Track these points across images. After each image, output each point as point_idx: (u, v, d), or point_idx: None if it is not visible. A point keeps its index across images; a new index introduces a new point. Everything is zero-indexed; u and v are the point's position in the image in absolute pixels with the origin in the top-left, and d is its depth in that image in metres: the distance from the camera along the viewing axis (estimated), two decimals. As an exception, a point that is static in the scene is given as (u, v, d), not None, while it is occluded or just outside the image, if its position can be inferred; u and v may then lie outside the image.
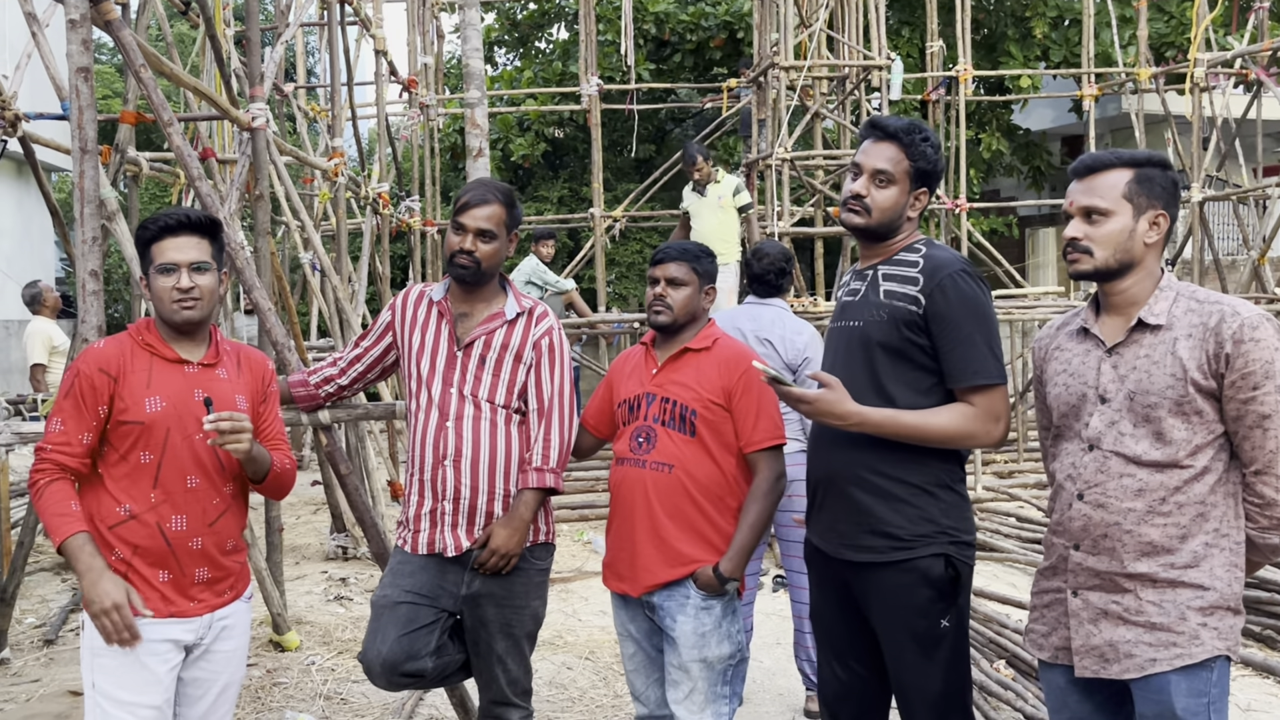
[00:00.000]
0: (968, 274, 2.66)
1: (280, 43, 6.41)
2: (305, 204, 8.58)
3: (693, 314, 3.13)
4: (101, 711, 2.59)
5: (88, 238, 3.26)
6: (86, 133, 3.28)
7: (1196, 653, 2.27)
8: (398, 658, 3.01)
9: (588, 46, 12.06)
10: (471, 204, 3.07)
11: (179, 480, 2.66)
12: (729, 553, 2.99)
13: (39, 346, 8.12)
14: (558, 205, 15.65)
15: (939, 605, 2.65)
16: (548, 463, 3.10)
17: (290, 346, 3.90)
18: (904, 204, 2.75)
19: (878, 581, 2.69)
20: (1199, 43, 10.57)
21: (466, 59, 3.91)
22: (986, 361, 2.62)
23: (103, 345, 2.67)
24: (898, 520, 2.65)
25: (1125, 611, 2.32)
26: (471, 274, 3.07)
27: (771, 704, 4.60)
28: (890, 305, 2.69)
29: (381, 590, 3.12)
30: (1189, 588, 2.29)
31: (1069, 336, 2.51)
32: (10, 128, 5.05)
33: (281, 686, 4.82)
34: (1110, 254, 2.37)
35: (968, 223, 12.16)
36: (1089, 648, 2.37)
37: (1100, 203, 2.37)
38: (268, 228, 5.58)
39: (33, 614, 6.10)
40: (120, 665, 2.58)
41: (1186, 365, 2.28)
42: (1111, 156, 2.41)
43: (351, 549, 7.23)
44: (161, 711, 2.63)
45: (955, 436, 2.62)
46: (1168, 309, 2.34)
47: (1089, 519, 2.37)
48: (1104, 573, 2.36)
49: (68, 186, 17.98)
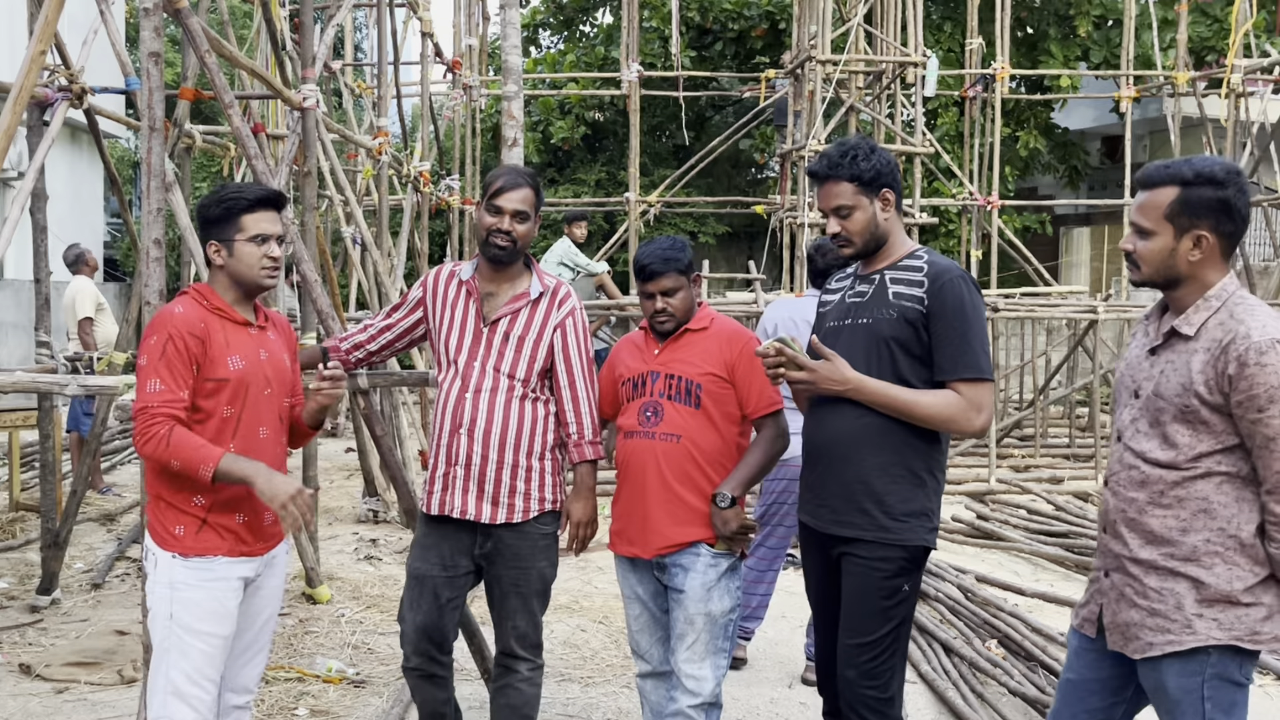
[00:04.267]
0: (965, 280, 2.96)
1: (332, 25, 6.68)
2: (349, 179, 8.88)
3: (690, 308, 3.37)
4: (180, 640, 2.85)
5: (153, 209, 3.54)
6: (155, 112, 3.55)
7: (1188, 640, 2.41)
8: (432, 624, 3.33)
9: (630, 32, 12.25)
10: (506, 187, 3.32)
11: (253, 431, 2.95)
12: (729, 477, 3.27)
13: (88, 301, 8.48)
14: (595, 188, 15.88)
15: (904, 574, 2.95)
16: (587, 435, 3.39)
17: (334, 316, 4.17)
18: (873, 215, 3.03)
19: (859, 553, 2.97)
20: (1237, 48, 10.63)
21: (505, 55, 4.15)
22: (976, 358, 2.91)
23: (183, 310, 2.87)
24: (889, 501, 2.94)
25: (1135, 595, 2.50)
26: (508, 253, 3.31)
27: (772, 670, 4.86)
28: (900, 305, 2.97)
29: (413, 561, 3.41)
30: (1186, 580, 2.43)
31: (1143, 324, 2.67)
32: (78, 100, 5.35)
33: (313, 635, 5.13)
34: (1154, 270, 2.51)
35: (999, 220, 12.29)
36: (1115, 625, 2.56)
37: (1144, 222, 2.49)
38: (314, 203, 5.86)
39: (81, 560, 6.46)
40: (202, 598, 2.85)
41: (1194, 378, 2.41)
42: (1164, 173, 2.46)
43: (382, 512, 7.53)
44: (227, 641, 2.93)
45: (940, 418, 2.90)
46: (1202, 320, 2.45)
47: (1109, 505, 2.57)
48: (1118, 555, 2.54)
49: (118, 152, 18.43)
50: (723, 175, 16.94)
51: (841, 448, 2.98)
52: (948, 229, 14.49)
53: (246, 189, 2.96)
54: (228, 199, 2.93)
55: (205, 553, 2.86)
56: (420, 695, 3.43)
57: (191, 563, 2.85)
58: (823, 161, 3.03)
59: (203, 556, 2.86)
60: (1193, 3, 12.72)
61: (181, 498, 2.85)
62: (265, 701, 4.29)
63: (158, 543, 2.86)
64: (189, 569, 2.85)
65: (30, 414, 7.22)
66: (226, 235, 2.92)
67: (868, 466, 2.94)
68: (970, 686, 4.49)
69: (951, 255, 13.83)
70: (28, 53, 3.98)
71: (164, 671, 2.85)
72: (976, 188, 12.37)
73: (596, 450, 3.39)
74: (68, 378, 3.83)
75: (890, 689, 2.97)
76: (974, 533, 7.48)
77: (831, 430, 3.01)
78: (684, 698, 3.23)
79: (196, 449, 2.76)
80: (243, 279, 2.94)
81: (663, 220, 14.84)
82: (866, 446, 2.94)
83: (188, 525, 2.85)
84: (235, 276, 2.94)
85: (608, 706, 4.38)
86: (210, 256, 2.94)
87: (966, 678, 4.57)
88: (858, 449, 2.95)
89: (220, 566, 2.88)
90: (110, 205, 19.53)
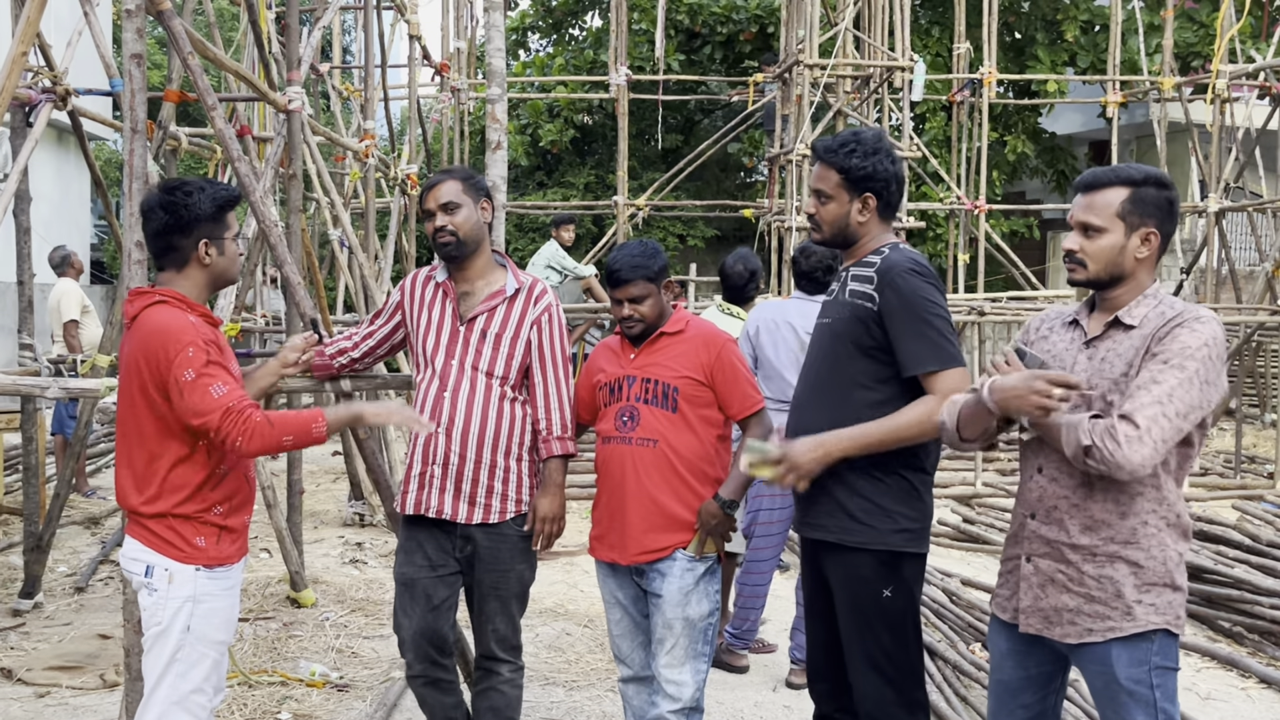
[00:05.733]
0: (914, 271, 2.88)
1: (318, 27, 6.66)
2: (336, 182, 8.86)
3: (661, 313, 3.35)
4: (193, 651, 2.83)
5: (135, 211, 3.52)
6: (137, 114, 3.54)
7: (1128, 627, 2.47)
8: (428, 628, 3.31)
9: (619, 36, 12.26)
10: (429, 187, 3.35)
11: None
12: (727, 482, 3.28)
13: (73, 304, 8.44)
14: (583, 191, 15.87)
15: (881, 580, 2.90)
16: (564, 431, 3.37)
17: (318, 320, 4.15)
18: (847, 212, 2.99)
19: (833, 557, 2.97)
20: (1222, 54, 10.67)
21: (490, 58, 4.15)
22: (936, 347, 2.83)
23: (194, 321, 2.82)
24: (850, 505, 2.91)
25: (1069, 581, 2.53)
26: (455, 247, 3.31)
27: (757, 673, 4.86)
28: (853, 304, 2.95)
29: (400, 568, 3.39)
30: (1126, 563, 2.48)
31: (1061, 325, 2.71)
32: (61, 101, 5.33)
33: (297, 639, 5.11)
34: (1102, 267, 2.56)
35: (986, 224, 12.31)
36: (1035, 609, 2.59)
37: (1095, 220, 2.56)
38: (300, 205, 5.85)
39: (64, 563, 6.43)
40: (223, 606, 2.86)
41: (1134, 360, 2.48)
42: (1111, 175, 2.56)
43: (368, 516, 7.52)
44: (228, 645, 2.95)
45: (927, 427, 2.81)
46: (1144, 313, 2.54)
47: (1044, 490, 2.59)
48: (1053, 541, 2.56)
49: (104, 154, 18.36)
50: (711, 179, 16.94)
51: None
52: (935, 233, 14.51)
53: (227, 187, 2.94)
54: (221, 196, 2.89)
55: (225, 561, 2.87)
56: (429, 704, 3.41)
57: (215, 573, 2.85)
58: (826, 141, 3.03)
59: (223, 565, 2.87)
60: (1179, 8, 12.77)
61: (203, 509, 2.84)
62: (249, 705, 4.28)
63: (175, 558, 2.82)
64: (213, 579, 2.85)
65: (14, 416, 7.18)
66: (218, 234, 2.90)
67: (830, 470, 2.91)
68: (954, 690, 4.50)
69: (939, 259, 13.87)
70: (9, 53, 3.97)
71: (169, 683, 2.82)
72: (964, 192, 12.41)
73: (566, 446, 3.38)
74: (49, 380, 3.82)
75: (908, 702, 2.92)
76: (960, 536, 7.50)
77: (799, 433, 3.01)
78: (665, 703, 3.23)
79: (297, 416, 2.83)
80: (224, 277, 2.95)
81: (651, 223, 14.83)
82: None
83: (208, 535, 2.85)
84: (217, 275, 2.93)
85: (592, 710, 4.37)
86: (200, 256, 2.88)
87: (951, 681, 4.58)
88: None
89: (234, 573, 2.92)
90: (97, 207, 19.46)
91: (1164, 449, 2.37)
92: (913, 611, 2.96)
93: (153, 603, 2.83)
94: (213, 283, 2.95)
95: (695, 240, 16.53)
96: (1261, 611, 5.37)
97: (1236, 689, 4.77)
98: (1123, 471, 2.36)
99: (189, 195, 2.86)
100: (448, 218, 3.29)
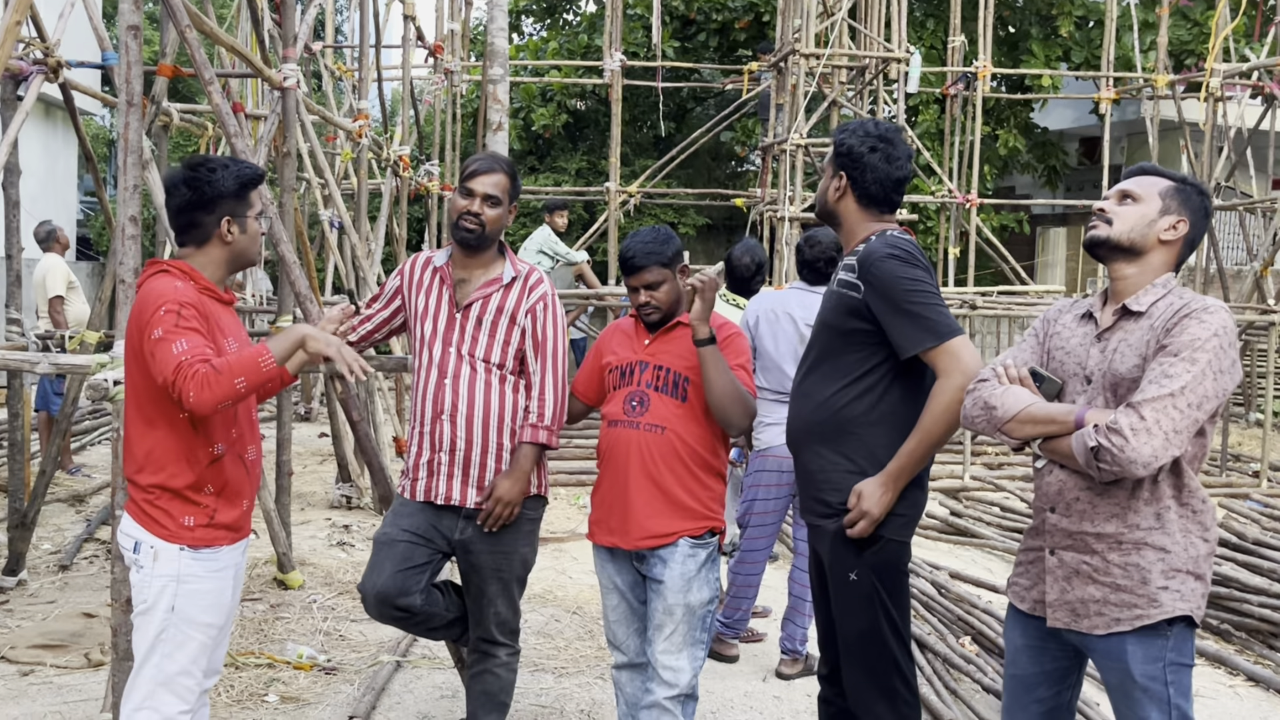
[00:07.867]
0: (891, 255, 2.87)
1: (313, 5, 6.60)
2: (328, 162, 8.79)
3: (678, 298, 3.34)
4: (178, 632, 2.78)
5: (129, 185, 3.47)
6: (133, 87, 3.49)
7: (1154, 613, 2.45)
8: (391, 591, 3.27)
9: (613, 21, 12.19)
10: (480, 171, 3.31)
11: (249, 413, 2.93)
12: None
13: (59, 279, 8.35)
14: (575, 177, 15.80)
15: (853, 562, 2.93)
16: (543, 420, 3.33)
17: (312, 299, 4.12)
18: (827, 188, 3.09)
19: (820, 540, 3.03)
20: (1216, 53, 10.69)
21: (492, 37, 4.10)
22: (929, 324, 2.82)
23: (180, 287, 2.75)
24: (829, 491, 2.96)
25: (1094, 571, 2.52)
26: (476, 237, 3.29)
27: (747, 663, 4.86)
28: (839, 294, 2.98)
29: (383, 529, 3.38)
30: (1152, 549, 2.46)
31: (1074, 318, 2.71)
32: (52, 74, 5.26)
33: (284, 621, 5.08)
34: (1127, 229, 2.58)
35: (977, 218, 12.32)
36: (1062, 602, 2.58)
37: (1138, 190, 2.61)
38: (293, 184, 5.80)
39: (48, 541, 6.37)
40: (209, 589, 2.80)
41: (1146, 352, 2.46)
42: (1162, 170, 2.65)
43: (355, 498, 7.48)
44: (222, 630, 2.89)
45: (950, 414, 2.78)
46: (1153, 300, 2.53)
47: (1063, 484, 2.57)
48: (1076, 533, 2.55)
49: (91, 129, 18.22)
50: (702, 167, 16.89)
51: (795, 435, 3.08)
52: (926, 226, 14.51)
53: (245, 163, 2.89)
54: (245, 174, 2.85)
55: (213, 543, 2.82)
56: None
57: (201, 554, 2.80)
58: (844, 125, 3.10)
59: (210, 547, 2.81)
60: (1174, 6, 12.78)
61: (193, 487, 2.79)
62: (235, 687, 4.25)
63: (159, 535, 2.78)
64: (197, 560, 2.79)
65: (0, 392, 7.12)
66: (241, 211, 2.86)
67: (811, 454, 3.00)
68: (944, 683, 4.50)
69: (929, 252, 13.88)
70: (2, 24, 3.91)
71: (154, 663, 2.78)
72: (956, 185, 12.41)
73: (547, 437, 3.34)
74: (39, 355, 3.77)
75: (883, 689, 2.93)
76: (948, 529, 7.50)
77: (793, 421, 3.09)
78: (660, 689, 3.21)
79: (241, 357, 2.69)
80: (244, 256, 2.90)
81: (643, 211, 14.79)
82: (814, 435, 3.00)
83: (198, 515, 2.79)
84: (238, 254, 2.89)
85: (581, 697, 4.36)
86: (223, 233, 2.84)
87: (940, 674, 4.58)
88: (808, 437, 3.02)
89: (224, 555, 2.85)
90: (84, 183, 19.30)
91: (1177, 440, 2.35)
92: (895, 597, 2.96)
93: (139, 580, 2.80)
94: (232, 260, 2.89)
95: (686, 228, 16.49)
96: (1249, 609, 5.40)
97: (1224, 686, 4.79)
98: (1135, 466, 2.34)
99: (213, 172, 2.82)
100: (485, 207, 3.27)
